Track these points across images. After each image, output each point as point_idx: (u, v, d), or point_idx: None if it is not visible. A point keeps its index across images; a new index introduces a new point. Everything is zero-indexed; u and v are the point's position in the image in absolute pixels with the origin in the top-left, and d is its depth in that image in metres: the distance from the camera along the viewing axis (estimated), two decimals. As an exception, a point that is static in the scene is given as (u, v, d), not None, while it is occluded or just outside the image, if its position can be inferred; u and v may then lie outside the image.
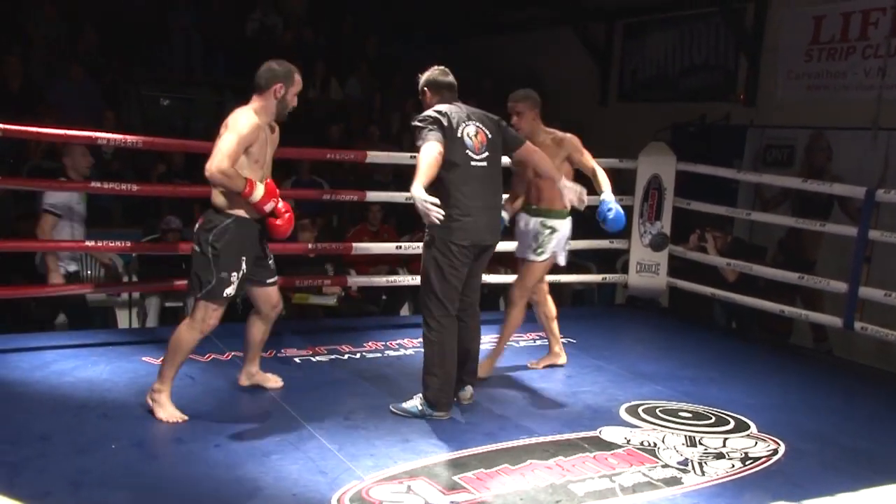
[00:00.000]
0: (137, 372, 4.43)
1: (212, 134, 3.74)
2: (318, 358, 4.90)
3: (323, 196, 6.23)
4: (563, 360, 4.99)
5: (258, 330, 4.15)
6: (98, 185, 5.24)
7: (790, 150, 7.61)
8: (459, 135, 3.87)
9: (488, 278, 6.18)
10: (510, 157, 4.20)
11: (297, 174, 7.64)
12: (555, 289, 7.42)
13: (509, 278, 6.54)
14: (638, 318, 6.66)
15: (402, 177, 6.77)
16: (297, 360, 4.84)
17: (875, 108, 6.81)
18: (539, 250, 4.55)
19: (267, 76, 3.66)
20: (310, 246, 5.92)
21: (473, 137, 3.92)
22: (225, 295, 3.70)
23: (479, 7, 10.34)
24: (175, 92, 10.30)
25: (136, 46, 9.41)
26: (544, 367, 4.93)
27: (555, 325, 4.94)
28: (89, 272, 6.10)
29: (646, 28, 9.47)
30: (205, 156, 3.60)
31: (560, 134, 4.56)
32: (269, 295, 4.06)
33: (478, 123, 3.96)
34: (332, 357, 4.93)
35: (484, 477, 3.33)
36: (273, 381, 4.28)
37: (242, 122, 3.56)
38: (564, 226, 4.58)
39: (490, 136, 3.97)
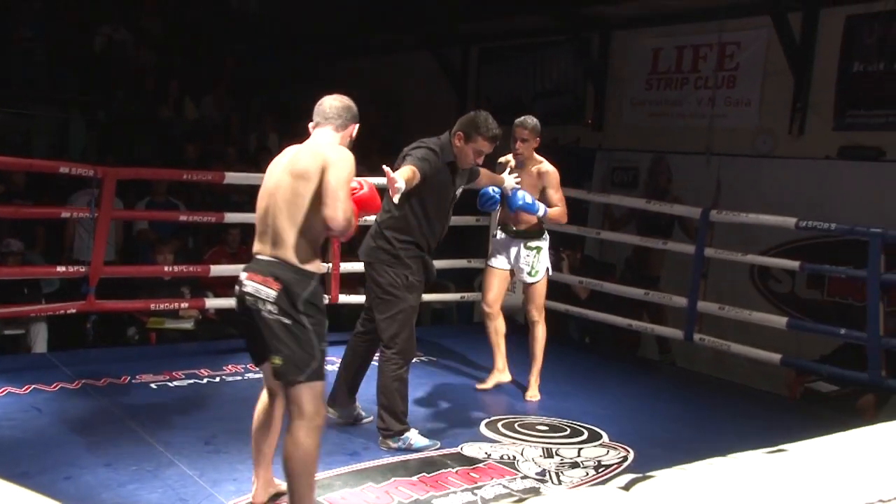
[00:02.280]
0: (-25, 405, 4.15)
1: (55, 152, 3.50)
2: (175, 383, 4.75)
3: (179, 217, 6.05)
4: (507, 377, 5.06)
5: (273, 422, 3.18)
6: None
7: (635, 173, 8.07)
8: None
9: (348, 298, 6.21)
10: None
11: (151, 195, 7.39)
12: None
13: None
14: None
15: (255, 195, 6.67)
16: (153, 385, 4.67)
17: (707, 134, 7.35)
18: (534, 272, 4.86)
19: (347, 115, 3.15)
20: (166, 269, 5.74)
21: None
22: (325, 373, 2.96)
23: (342, 29, 10.37)
24: (14, 107, 9.70)
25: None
26: (493, 385, 5.01)
27: (503, 342, 5.02)
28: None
29: (500, 54, 9.80)
30: (49, 176, 3.41)
31: (545, 167, 4.78)
32: None
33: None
34: (191, 381, 4.80)
35: (349, 496, 3.34)
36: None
37: (349, 160, 2.96)
38: (545, 241, 4.91)
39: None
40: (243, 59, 10.55)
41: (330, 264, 5.85)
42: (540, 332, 4.98)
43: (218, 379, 4.90)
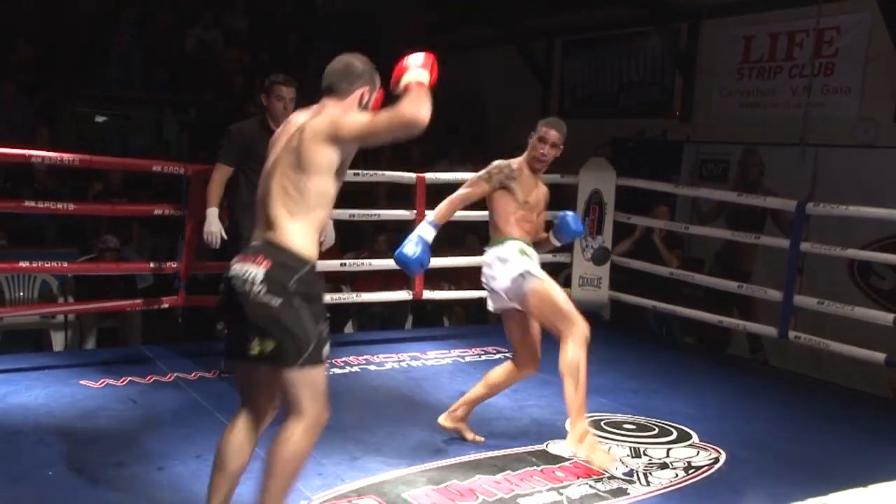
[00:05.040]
0: (75, 396, 4.31)
1: (151, 151, 3.58)
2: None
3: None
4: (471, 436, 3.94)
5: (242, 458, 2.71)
6: (32, 203, 5.11)
7: (725, 165, 7.84)
8: None
9: (433, 294, 6.21)
10: None
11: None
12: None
13: (453, 294, 6.60)
14: (581, 331, 6.72)
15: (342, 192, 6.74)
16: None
17: (802, 125, 7.06)
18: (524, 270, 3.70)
19: (349, 77, 2.76)
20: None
21: None
22: (325, 357, 2.60)
23: (423, 26, 10.41)
24: (113, 109, 10.10)
25: (73, 62, 9.20)
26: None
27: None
28: (21, 293, 5.93)
29: (585, 46, 9.65)
30: (144, 174, 3.49)
31: (543, 185, 4.03)
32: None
33: None
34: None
35: (433, 494, 3.33)
36: None
37: (345, 108, 2.71)
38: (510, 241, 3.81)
39: None
40: (328, 56, 10.69)
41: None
42: (571, 352, 3.61)
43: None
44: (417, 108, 2.52)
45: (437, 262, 5.34)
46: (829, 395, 5.32)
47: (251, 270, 2.53)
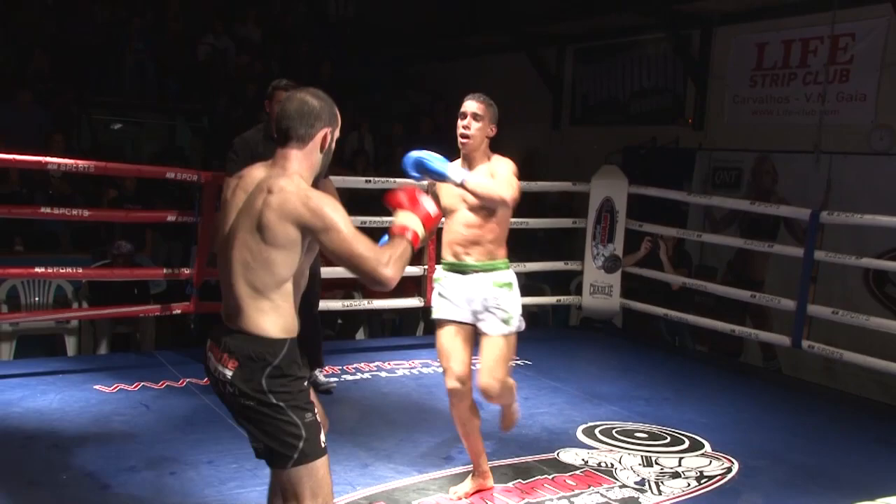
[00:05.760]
0: (89, 400, 4.34)
1: (162, 158, 3.58)
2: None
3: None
4: (491, 481, 3.50)
5: None
6: (48, 210, 5.15)
7: (737, 173, 7.81)
8: None
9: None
10: None
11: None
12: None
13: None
14: (592, 339, 6.73)
15: (355, 199, 6.78)
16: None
17: (816, 132, 7.03)
18: (509, 318, 3.28)
19: (308, 120, 2.36)
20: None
21: None
22: (323, 444, 2.36)
23: (433, 32, 10.44)
24: (127, 116, 10.18)
25: (87, 71, 9.28)
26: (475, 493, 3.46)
27: (479, 434, 3.44)
28: (37, 298, 5.97)
29: (596, 53, 9.65)
30: (158, 181, 3.50)
31: (498, 162, 3.49)
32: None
33: None
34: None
35: (444, 501, 3.32)
36: None
37: (329, 202, 2.29)
38: (513, 274, 3.39)
39: None
40: (340, 63, 10.75)
41: (426, 266, 5.87)
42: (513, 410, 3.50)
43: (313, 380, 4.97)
44: (396, 272, 2.29)
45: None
46: (844, 405, 5.28)
47: (220, 370, 2.30)
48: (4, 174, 6.75)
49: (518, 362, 5.17)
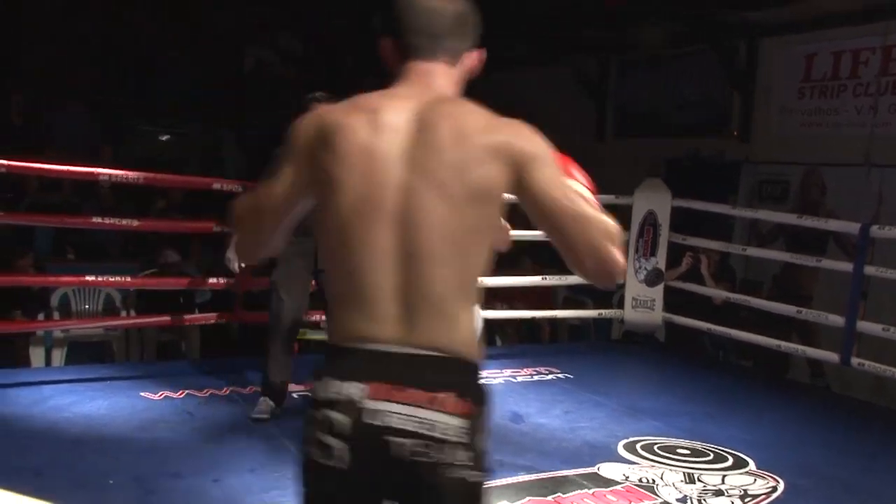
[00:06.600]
0: (135, 407, 4.42)
1: (206, 168, 3.65)
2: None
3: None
4: None
5: None
6: (99, 220, 5.27)
7: (785, 186, 7.68)
8: None
9: (485, 313, 6.20)
10: None
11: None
12: (552, 324, 7.49)
13: (506, 314, 6.59)
14: (635, 353, 6.66)
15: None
16: (294, 395, 4.81)
17: (867, 144, 6.89)
18: None
19: (465, 30, 1.80)
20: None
21: None
22: None
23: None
24: (172, 127, 10.40)
25: (135, 81, 9.51)
26: None
27: None
28: (87, 306, 6.11)
29: (639, 64, 9.59)
30: (205, 191, 3.57)
31: None
32: None
33: None
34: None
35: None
36: None
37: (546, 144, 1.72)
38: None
39: None
40: (382, 74, 10.84)
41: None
42: None
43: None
44: (621, 257, 1.57)
45: (490, 281, 5.34)
46: (894, 424, 5.14)
47: (439, 419, 1.41)
48: (57, 184, 6.94)
49: (559, 375, 5.14)
